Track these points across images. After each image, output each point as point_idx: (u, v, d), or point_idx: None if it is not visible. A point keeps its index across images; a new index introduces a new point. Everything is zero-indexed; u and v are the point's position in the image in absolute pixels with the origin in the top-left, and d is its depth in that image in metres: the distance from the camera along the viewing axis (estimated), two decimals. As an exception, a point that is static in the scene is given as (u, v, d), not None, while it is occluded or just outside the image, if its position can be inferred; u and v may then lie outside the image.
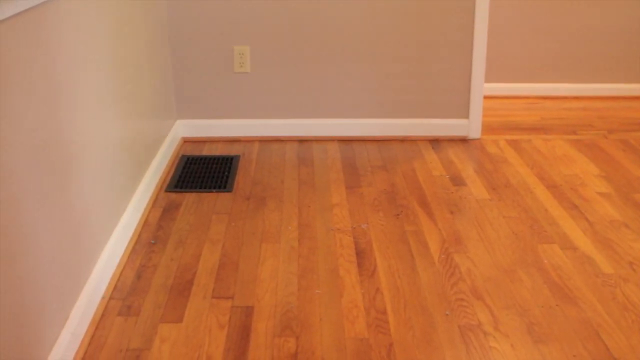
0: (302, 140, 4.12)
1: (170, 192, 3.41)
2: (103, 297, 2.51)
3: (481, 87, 4.07)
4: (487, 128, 4.27)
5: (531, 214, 3.18)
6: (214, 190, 3.41)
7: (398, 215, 3.18)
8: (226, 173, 3.62)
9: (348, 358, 2.24)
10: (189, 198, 3.35)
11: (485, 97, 4.55)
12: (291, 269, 2.74)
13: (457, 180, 3.55)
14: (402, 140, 4.12)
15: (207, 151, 3.96)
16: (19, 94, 1.88)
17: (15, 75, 1.86)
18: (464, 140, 4.12)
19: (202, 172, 3.63)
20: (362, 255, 2.84)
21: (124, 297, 2.56)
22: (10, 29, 1.83)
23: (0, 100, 1.77)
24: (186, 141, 4.10)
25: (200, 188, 3.44)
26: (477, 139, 4.12)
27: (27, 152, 1.93)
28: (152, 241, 2.94)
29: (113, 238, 2.71)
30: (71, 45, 2.31)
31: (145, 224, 3.09)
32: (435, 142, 4.09)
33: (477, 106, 4.09)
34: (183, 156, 3.86)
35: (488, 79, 4.69)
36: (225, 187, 3.45)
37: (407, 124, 4.12)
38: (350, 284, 2.64)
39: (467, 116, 4.11)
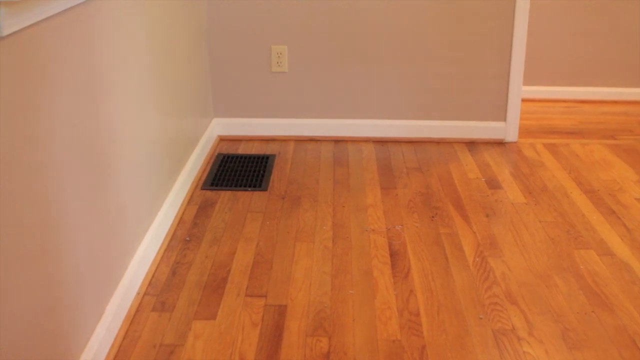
0: (337, 141, 4.12)
1: (205, 189, 3.44)
2: (138, 293, 2.53)
3: (519, 90, 4.03)
4: (524, 131, 4.24)
5: (568, 219, 3.15)
6: (249, 189, 3.43)
7: (433, 217, 3.16)
8: (261, 172, 3.63)
9: (380, 359, 2.23)
10: (224, 196, 3.36)
11: (523, 100, 4.52)
12: (325, 268, 2.75)
13: (493, 184, 3.53)
14: (438, 142, 4.10)
15: (243, 150, 3.97)
16: (59, 90, 1.91)
17: (58, 70, 1.89)
18: (500, 143, 4.09)
19: (238, 171, 3.65)
20: (396, 256, 2.84)
21: (159, 293, 2.58)
22: (53, 26, 1.85)
23: (44, 96, 1.79)
24: (222, 139, 4.13)
25: (236, 186, 3.46)
26: (514, 142, 4.09)
27: (66, 148, 1.95)
28: (187, 238, 2.96)
29: (149, 234, 2.73)
30: (112, 42, 2.33)
31: (180, 221, 3.12)
32: (471, 144, 4.07)
33: (514, 109, 4.06)
34: (219, 154, 3.88)
35: (526, 82, 4.65)
36: (260, 185, 3.47)
37: (443, 126, 4.10)
38: (383, 285, 2.64)
39: (504, 119, 4.08)
